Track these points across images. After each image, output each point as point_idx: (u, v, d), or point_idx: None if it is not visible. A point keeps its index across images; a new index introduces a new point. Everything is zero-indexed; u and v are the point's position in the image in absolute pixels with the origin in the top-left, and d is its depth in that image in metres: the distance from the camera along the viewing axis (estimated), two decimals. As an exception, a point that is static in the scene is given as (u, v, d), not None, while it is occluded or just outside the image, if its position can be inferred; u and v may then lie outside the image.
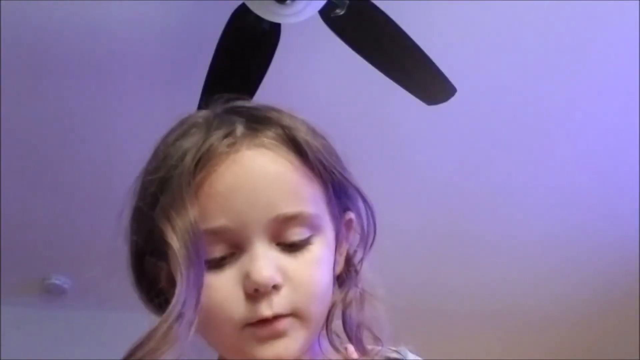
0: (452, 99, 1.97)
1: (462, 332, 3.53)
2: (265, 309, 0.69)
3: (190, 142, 0.72)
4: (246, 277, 0.69)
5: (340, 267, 0.79)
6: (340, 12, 1.74)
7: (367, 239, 0.82)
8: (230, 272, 0.70)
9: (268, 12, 1.70)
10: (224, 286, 0.70)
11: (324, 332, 0.77)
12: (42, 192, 2.67)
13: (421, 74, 1.89)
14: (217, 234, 0.70)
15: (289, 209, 0.71)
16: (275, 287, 0.69)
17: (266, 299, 0.69)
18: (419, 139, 2.52)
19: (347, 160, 0.80)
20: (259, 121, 0.75)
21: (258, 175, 0.71)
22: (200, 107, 2.10)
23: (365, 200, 0.80)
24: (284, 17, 1.71)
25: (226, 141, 0.72)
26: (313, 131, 0.77)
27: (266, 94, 1.94)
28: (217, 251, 0.70)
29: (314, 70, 2.25)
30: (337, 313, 0.77)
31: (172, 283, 0.74)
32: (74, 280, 3.09)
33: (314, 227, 0.73)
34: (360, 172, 2.65)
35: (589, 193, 2.76)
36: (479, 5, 2.07)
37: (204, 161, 0.70)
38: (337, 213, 0.77)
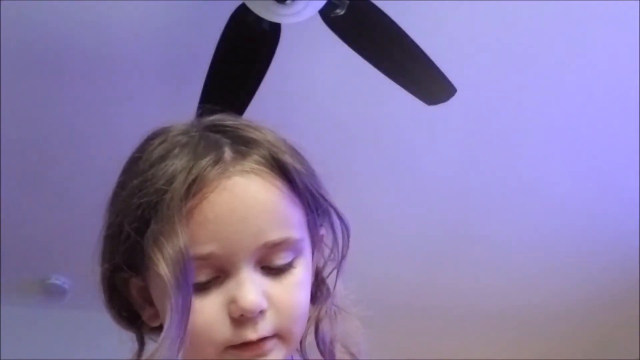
0: (454, 98, 1.97)
1: (460, 332, 3.53)
2: (251, 333, 0.70)
3: (178, 165, 0.71)
4: (232, 302, 0.70)
5: (310, 282, 0.80)
6: (340, 12, 1.74)
7: (341, 256, 0.82)
8: (216, 296, 0.71)
9: (268, 12, 1.70)
10: (208, 310, 0.70)
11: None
12: (42, 192, 2.67)
13: (421, 74, 1.89)
14: (205, 260, 0.70)
15: (276, 235, 0.72)
16: (261, 312, 0.70)
17: (251, 323, 0.70)
18: (419, 138, 2.52)
19: (323, 175, 0.81)
20: (245, 143, 0.75)
21: (249, 203, 0.71)
22: (199, 107, 2.10)
23: (341, 219, 0.80)
24: (284, 17, 1.71)
25: (217, 168, 0.71)
26: (296, 152, 0.78)
27: (266, 94, 1.95)
28: (203, 275, 0.71)
29: (314, 70, 2.25)
30: (311, 328, 0.78)
31: (146, 299, 0.76)
32: (74, 280, 3.09)
33: (297, 250, 0.74)
34: (359, 171, 2.64)
35: (589, 193, 2.76)
36: (479, 5, 2.07)
37: (195, 187, 0.70)
38: (315, 232, 0.78)
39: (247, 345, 0.70)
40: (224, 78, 1.87)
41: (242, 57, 1.84)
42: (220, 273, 0.71)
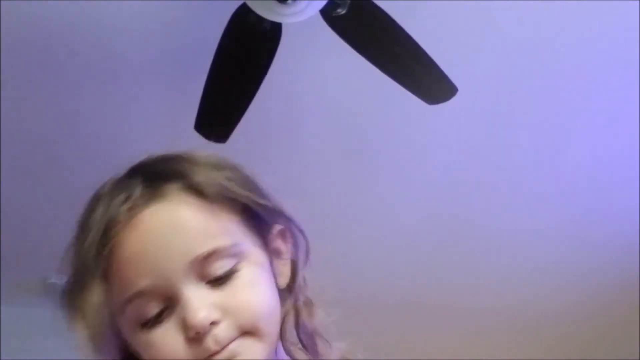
0: (454, 99, 1.97)
1: (457, 329, 3.52)
2: (212, 345, 0.71)
3: (95, 219, 0.75)
4: (184, 325, 0.71)
5: (285, 277, 0.81)
6: (341, 11, 1.74)
7: (298, 248, 0.82)
8: (170, 324, 0.72)
9: (269, 12, 1.70)
10: (167, 338, 0.72)
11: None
12: (43, 192, 2.67)
13: (422, 73, 1.89)
14: (145, 295, 0.72)
15: (202, 249, 0.73)
16: (214, 323, 0.71)
17: (210, 336, 0.71)
18: (420, 132, 2.52)
19: (260, 179, 0.81)
20: (156, 177, 0.76)
21: (160, 231, 0.73)
22: (201, 107, 2.09)
23: (283, 216, 0.81)
24: (285, 16, 1.71)
25: (125, 207, 0.74)
26: (215, 167, 0.79)
27: (267, 94, 1.95)
28: (152, 309, 0.72)
29: (315, 69, 2.24)
30: (291, 322, 0.80)
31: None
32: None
33: (236, 255, 0.75)
34: (359, 168, 2.62)
35: (590, 191, 2.76)
36: (480, 4, 2.07)
37: (107, 234, 0.73)
38: (263, 230, 0.79)
39: (213, 355, 0.71)
40: (226, 78, 1.87)
41: (243, 57, 1.84)
42: (167, 302, 0.72)
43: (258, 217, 0.78)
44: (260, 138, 2.40)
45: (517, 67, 2.28)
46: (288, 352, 0.80)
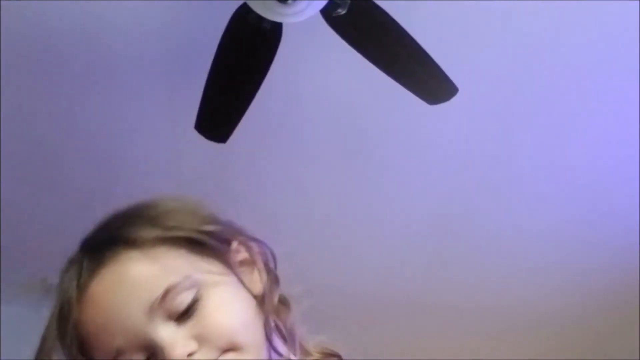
0: (455, 99, 1.97)
1: (459, 329, 3.52)
2: None
3: (55, 303, 0.81)
4: None
5: (258, 284, 0.83)
6: (341, 11, 1.74)
7: (258, 256, 0.84)
8: None
9: (269, 12, 1.70)
10: None
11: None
12: (43, 192, 2.67)
13: (422, 73, 1.89)
14: (124, 351, 0.76)
15: (155, 293, 0.76)
16: (192, 354, 0.74)
17: None
18: (420, 134, 2.52)
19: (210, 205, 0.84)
20: (99, 246, 0.80)
21: (111, 294, 0.77)
22: (201, 107, 2.09)
23: (232, 233, 0.84)
24: (286, 16, 1.71)
25: (74, 283, 0.79)
26: (151, 217, 0.81)
27: (268, 94, 1.95)
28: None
29: (315, 69, 2.25)
30: (271, 324, 0.82)
31: None
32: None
33: (192, 286, 0.77)
34: (361, 165, 2.63)
35: (590, 188, 2.76)
36: (480, 4, 2.07)
37: (63, 314, 0.79)
38: (217, 251, 0.81)
39: None
40: (226, 77, 1.87)
41: (244, 57, 1.84)
42: (149, 350, 0.75)
43: (206, 243, 0.80)
44: (260, 138, 2.40)
45: (517, 67, 2.28)
46: (276, 351, 0.82)
